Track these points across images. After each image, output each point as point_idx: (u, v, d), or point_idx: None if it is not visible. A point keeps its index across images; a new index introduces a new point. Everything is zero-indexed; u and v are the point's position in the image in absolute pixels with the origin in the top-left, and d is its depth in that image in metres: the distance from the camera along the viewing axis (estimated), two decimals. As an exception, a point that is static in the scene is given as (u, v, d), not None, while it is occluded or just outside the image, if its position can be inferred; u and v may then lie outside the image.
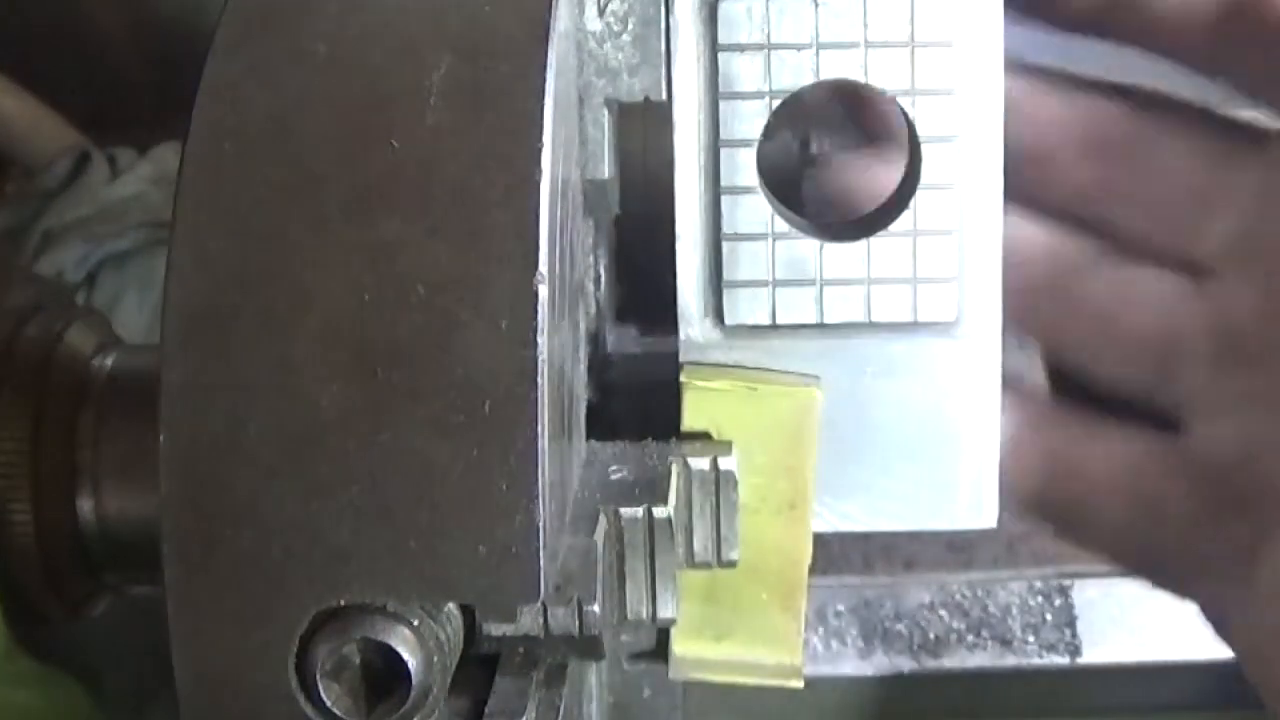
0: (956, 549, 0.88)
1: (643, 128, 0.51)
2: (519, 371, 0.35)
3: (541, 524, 0.35)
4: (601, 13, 0.46)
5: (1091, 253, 0.53)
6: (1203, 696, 0.84)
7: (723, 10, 0.46)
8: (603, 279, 0.52)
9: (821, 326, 0.48)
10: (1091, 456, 0.54)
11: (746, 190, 0.47)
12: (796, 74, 0.47)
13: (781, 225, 0.48)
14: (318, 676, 0.35)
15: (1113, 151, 0.52)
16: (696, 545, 0.45)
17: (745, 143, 0.47)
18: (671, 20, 0.47)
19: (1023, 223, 0.53)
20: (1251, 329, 0.51)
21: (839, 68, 0.47)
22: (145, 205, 0.96)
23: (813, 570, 0.49)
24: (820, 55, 0.47)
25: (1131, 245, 0.53)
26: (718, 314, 0.48)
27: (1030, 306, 0.53)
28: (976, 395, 0.49)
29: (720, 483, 0.45)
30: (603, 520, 0.41)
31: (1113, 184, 0.52)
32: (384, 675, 0.35)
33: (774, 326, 0.48)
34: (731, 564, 0.46)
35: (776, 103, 0.47)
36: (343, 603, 0.35)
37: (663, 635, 0.50)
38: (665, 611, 0.42)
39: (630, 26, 0.46)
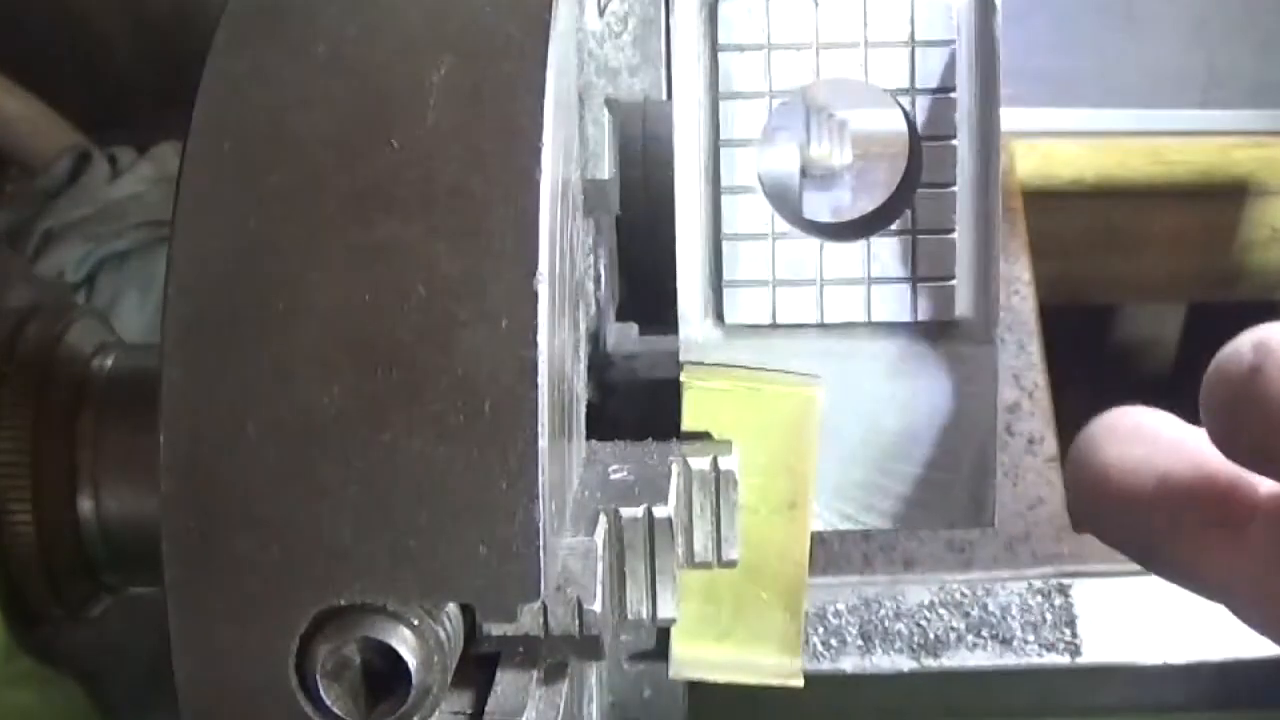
0: (956, 549, 0.88)
1: (643, 128, 0.51)
2: (519, 371, 0.35)
3: (541, 524, 0.35)
4: (601, 13, 0.46)
5: None
6: (1203, 697, 0.84)
7: (723, 10, 0.46)
8: (603, 279, 0.52)
9: (821, 326, 0.48)
10: None
11: (746, 190, 0.47)
12: (796, 74, 0.47)
13: (781, 225, 0.48)
14: (318, 676, 0.35)
15: None
16: (696, 545, 0.45)
17: (745, 143, 0.47)
18: (671, 20, 0.46)
19: None
20: None
21: (839, 68, 0.47)
22: (145, 205, 0.96)
23: (813, 570, 0.49)
24: (820, 55, 0.47)
25: None
26: (718, 314, 0.48)
27: None
28: (976, 395, 0.49)
29: (720, 483, 0.45)
30: (603, 520, 0.41)
31: None
32: (384, 675, 0.35)
33: (774, 326, 0.48)
34: (731, 564, 0.46)
35: (776, 103, 0.47)
36: (343, 603, 0.35)
37: (663, 635, 0.50)
38: (665, 611, 0.42)
39: (630, 26, 0.46)
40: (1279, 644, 0.42)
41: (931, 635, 0.83)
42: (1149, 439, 0.42)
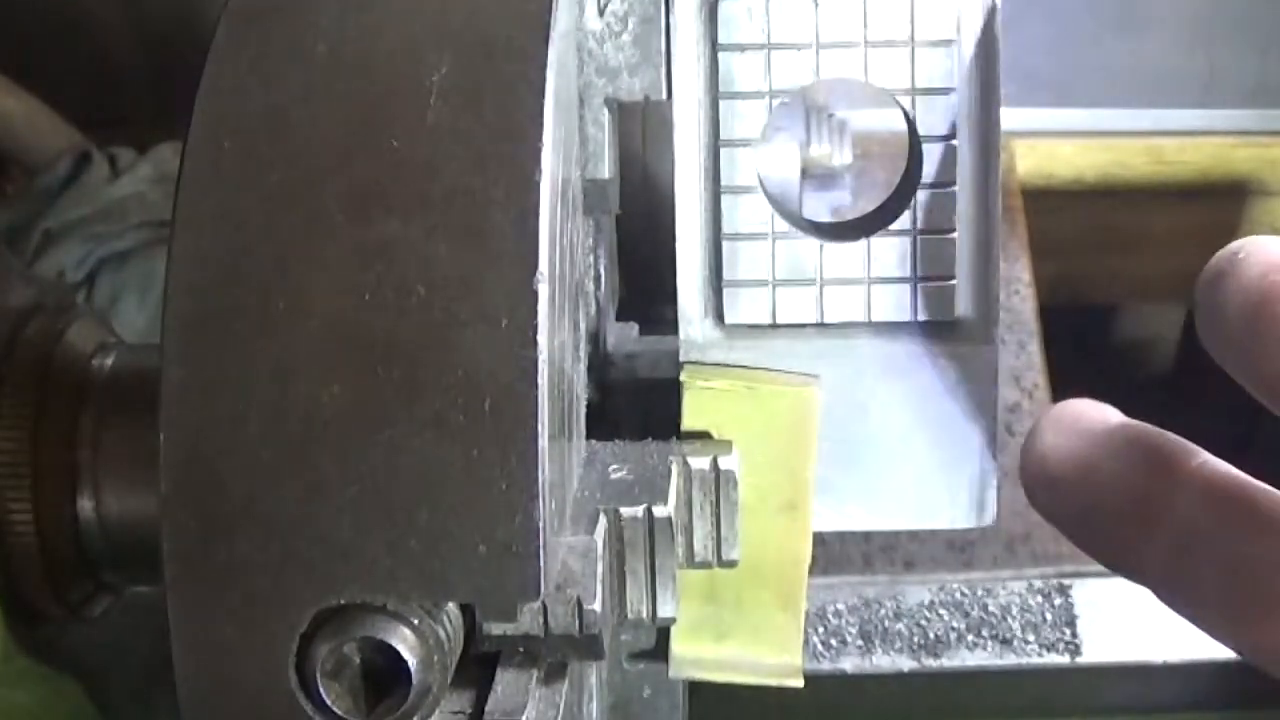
0: (956, 549, 0.88)
1: (643, 128, 0.51)
2: (519, 371, 0.35)
3: (541, 524, 0.35)
4: (601, 13, 0.46)
5: None
6: (1203, 696, 0.84)
7: (723, 10, 0.46)
8: (603, 279, 0.52)
9: (821, 326, 0.48)
10: None
11: (746, 190, 0.47)
12: (796, 74, 0.47)
13: (781, 225, 0.48)
14: (318, 676, 0.35)
15: None
16: (696, 545, 0.45)
17: (745, 143, 0.47)
18: (671, 20, 0.47)
19: None
20: None
21: (839, 68, 0.47)
22: (145, 205, 0.96)
23: (813, 570, 0.49)
24: (820, 55, 0.47)
25: None
26: (718, 314, 0.48)
27: None
28: (976, 395, 0.49)
29: (720, 483, 0.45)
30: (603, 520, 0.41)
31: None
32: (384, 674, 0.35)
33: (774, 326, 0.48)
34: (731, 564, 0.46)
35: (776, 103, 0.47)
36: (343, 602, 0.35)
37: (663, 635, 0.50)
38: (665, 611, 0.42)
39: (630, 26, 0.46)
40: (1200, 629, 0.46)
41: (931, 635, 0.83)
42: (1083, 431, 0.45)
